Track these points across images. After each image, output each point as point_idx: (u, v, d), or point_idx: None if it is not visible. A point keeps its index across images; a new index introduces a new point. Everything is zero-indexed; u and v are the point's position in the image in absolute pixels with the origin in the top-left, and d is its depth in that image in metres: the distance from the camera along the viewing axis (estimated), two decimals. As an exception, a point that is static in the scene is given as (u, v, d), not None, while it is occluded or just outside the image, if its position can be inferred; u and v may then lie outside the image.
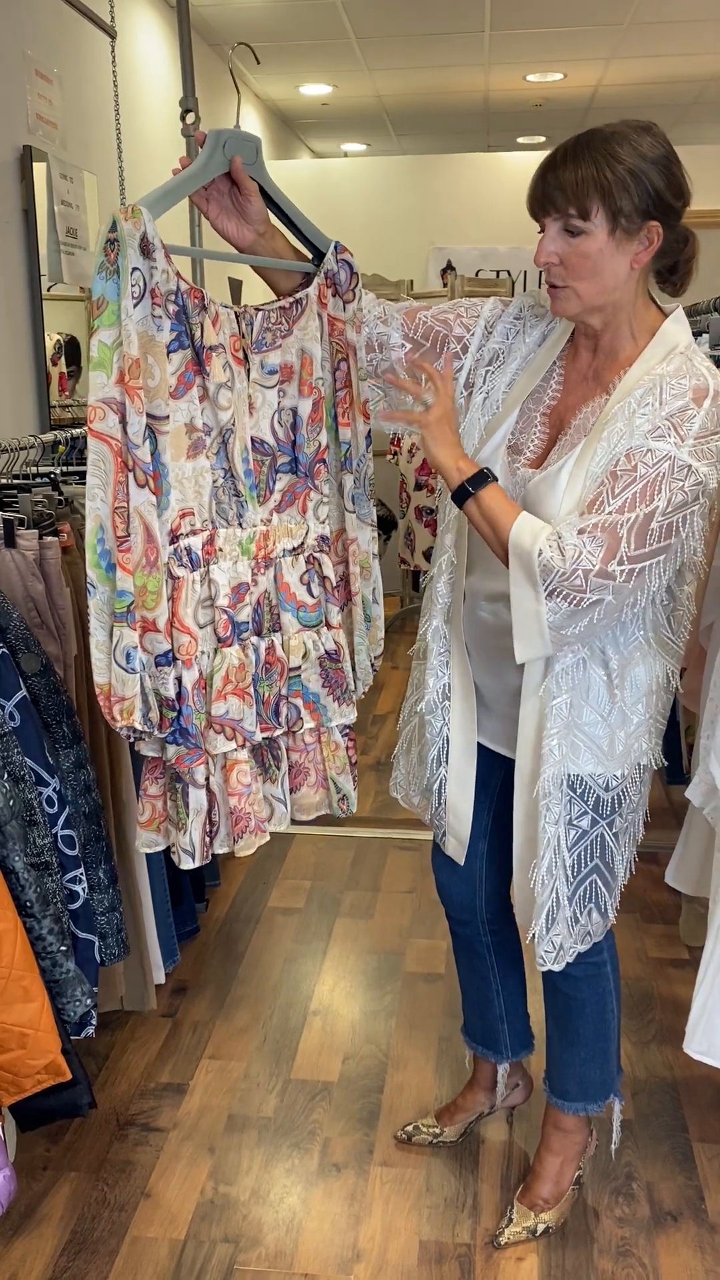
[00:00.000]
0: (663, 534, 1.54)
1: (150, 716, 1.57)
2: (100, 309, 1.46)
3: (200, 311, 1.55)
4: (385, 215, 7.09)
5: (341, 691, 1.78)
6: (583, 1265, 1.89)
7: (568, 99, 6.67)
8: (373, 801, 3.72)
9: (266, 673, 1.70)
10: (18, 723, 1.85)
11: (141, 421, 1.48)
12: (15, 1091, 1.75)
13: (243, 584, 1.65)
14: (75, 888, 1.93)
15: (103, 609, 1.52)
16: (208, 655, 1.62)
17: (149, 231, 1.46)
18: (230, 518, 1.64)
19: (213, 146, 1.59)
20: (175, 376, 1.54)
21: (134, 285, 1.45)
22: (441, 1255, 1.91)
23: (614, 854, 1.77)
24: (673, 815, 3.35)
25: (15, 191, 3.22)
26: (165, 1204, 2.03)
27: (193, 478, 1.58)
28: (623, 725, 1.70)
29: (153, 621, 1.54)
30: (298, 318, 1.68)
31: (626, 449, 1.54)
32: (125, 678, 1.53)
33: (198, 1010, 2.59)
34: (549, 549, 1.53)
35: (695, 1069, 2.32)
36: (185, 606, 1.57)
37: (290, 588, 1.71)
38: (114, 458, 1.48)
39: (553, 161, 1.56)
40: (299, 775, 1.79)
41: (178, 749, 1.61)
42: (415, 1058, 2.42)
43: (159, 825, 1.70)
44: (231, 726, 1.64)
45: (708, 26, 5.30)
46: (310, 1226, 1.97)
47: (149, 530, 1.51)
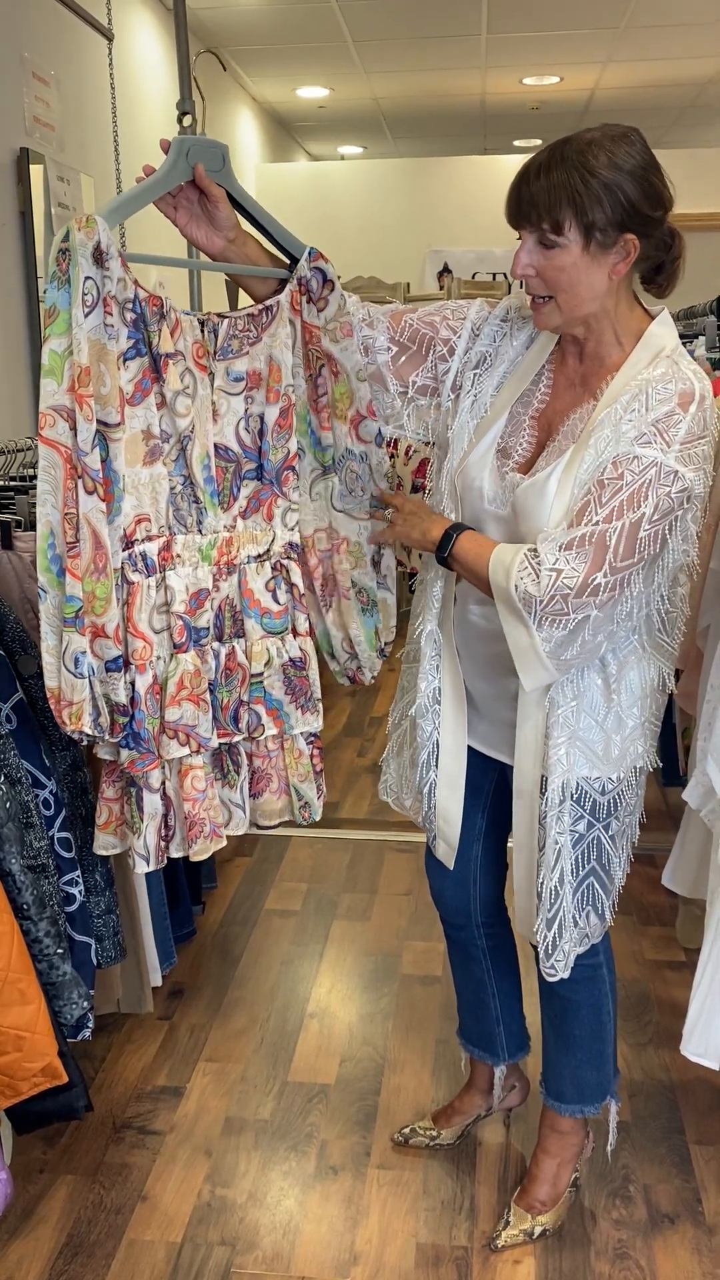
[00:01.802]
0: (650, 542, 1.53)
1: (100, 721, 1.58)
2: (51, 317, 1.48)
3: (159, 319, 1.56)
4: (382, 218, 7.11)
5: (306, 699, 1.79)
6: (580, 1267, 1.89)
7: (564, 102, 6.69)
8: (370, 804, 3.72)
9: (226, 678, 1.70)
10: (14, 725, 1.85)
11: (91, 429, 1.49)
12: (12, 1094, 1.75)
13: (203, 590, 1.65)
14: (72, 890, 1.93)
15: (53, 614, 1.54)
16: (163, 660, 1.63)
17: (103, 240, 1.47)
18: (189, 524, 1.65)
19: (176, 154, 1.60)
20: (132, 384, 1.55)
21: (86, 294, 1.46)
22: (439, 1258, 1.91)
23: (610, 857, 1.76)
24: (669, 817, 3.35)
25: (12, 193, 3.22)
26: (162, 1207, 2.02)
27: (149, 484, 1.59)
28: (618, 729, 1.69)
29: (102, 627, 1.55)
30: (268, 325, 1.68)
31: (613, 456, 1.53)
32: (74, 682, 1.54)
33: (194, 1013, 2.59)
34: (524, 580, 1.54)
35: (692, 1071, 2.33)
36: (140, 612, 1.58)
37: (254, 594, 1.72)
38: (63, 464, 1.49)
39: (527, 172, 1.55)
40: (261, 781, 1.80)
41: (130, 753, 1.63)
42: (412, 1060, 2.42)
43: (115, 828, 1.72)
44: (185, 732, 1.65)
45: (704, 30, 5.32)
46: (307, 1229, 1.97)
47: (97, 537, 1.52)
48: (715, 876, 1.85)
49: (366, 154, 8.34)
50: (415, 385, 1.79)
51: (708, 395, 1.56)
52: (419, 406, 1.81)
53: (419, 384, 1.79)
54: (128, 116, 4.09)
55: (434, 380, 1.78)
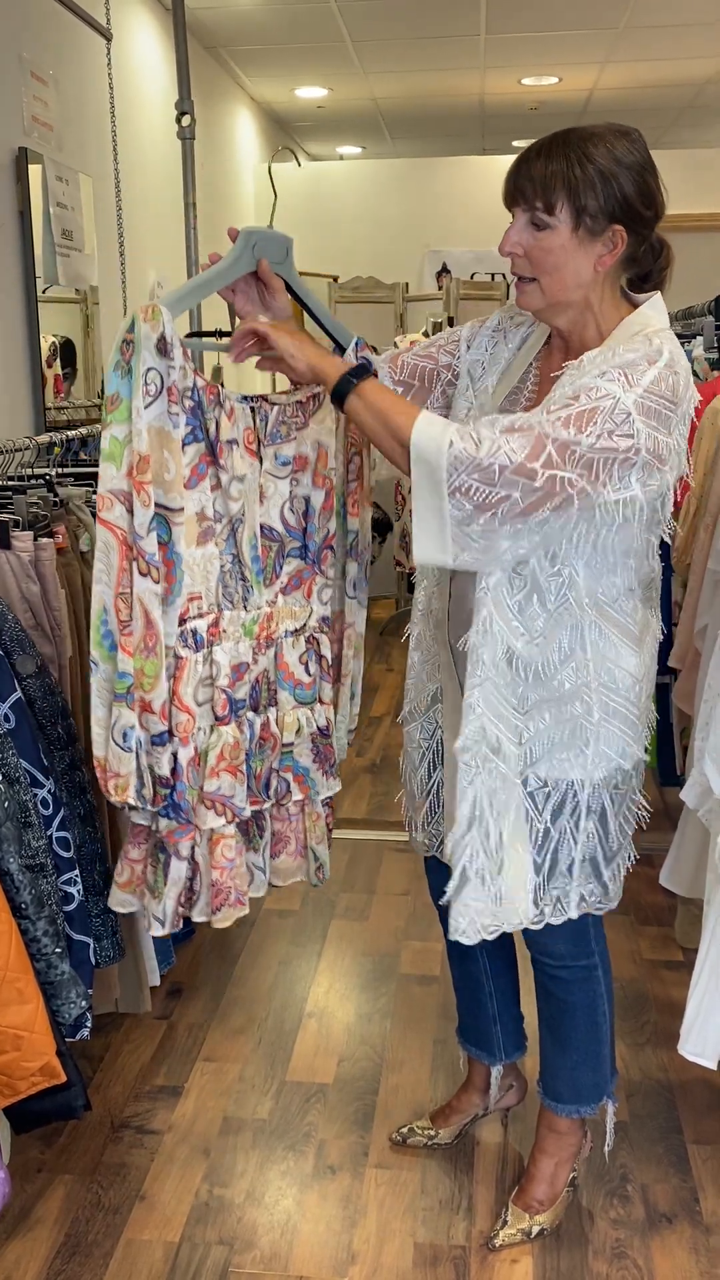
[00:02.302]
0: (583, 464, 1.48)
1: (144, 793, 1.62)
2: (114, 405, 1.52)
3: (215, 407, 1.60)
4: (380, 218, 7.11)
5: (329, 765, 1.84)
6: (577, 1267, 1.89)
7: (563, 102, 6.69)
8: (368, 804, 3.72)
9: (260, 748, 1.74)
10: (13, 724, 1.85)
11: (148, 514, 1.53)
12: (10, 1094, 1.75)
13: (243, 663, 1.69)
14: (70, 890, 1.93)
15: (104, 687, 1.59)
16: (204, 732, 1.66)
17: (167, 332, 1.51)
18: (235, 600, 1.69)
19: (242, 246, 1.64)
20: (189, 468, 1.59)
21: (148, 384, 1.51)
22: (436, 1257, 1.91)
23: (531, 818, 1.69)
24: (667, 817, 3.35)
25: (11, 193, 3.22)
26: (160, 1206, 2.02)
27: (201, 563, 1.63)
28: (539, 683, 1.64)
29: (149, 703, 1.59)
30: (314, 411, 1.73)
31: (575, 387, 1.51)
32: (122, 755, 1.59)
33: (193, 1012, 2.59)
34: (460, 440, 1.49)
35: (690, 1071, 2.33)
36: (186, 686, 1.62)
37: (289, 667, 1.76)
38: (119, 546, 1.54)
39: (528, 154, 1.59)
40: (279, 843, 1.83)
41: (169, 823, 1.65)
42: (410, 1060, 2.42)
43: (136, 888, 1.74)
44: (222, 802, 1.68)
45: (702, 30, 5.32)
46: (305, 1229, 1.97)
47: (149, 617, 1.56)
48: (713, 876, 1.85)
49: (365, 154, 8.33)
50: None
51: (681, 369, 1.54)
52: None
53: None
54: (126, 116, 4.08)
55: (447, 408, 1.81)
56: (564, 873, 1.75)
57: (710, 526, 2.40)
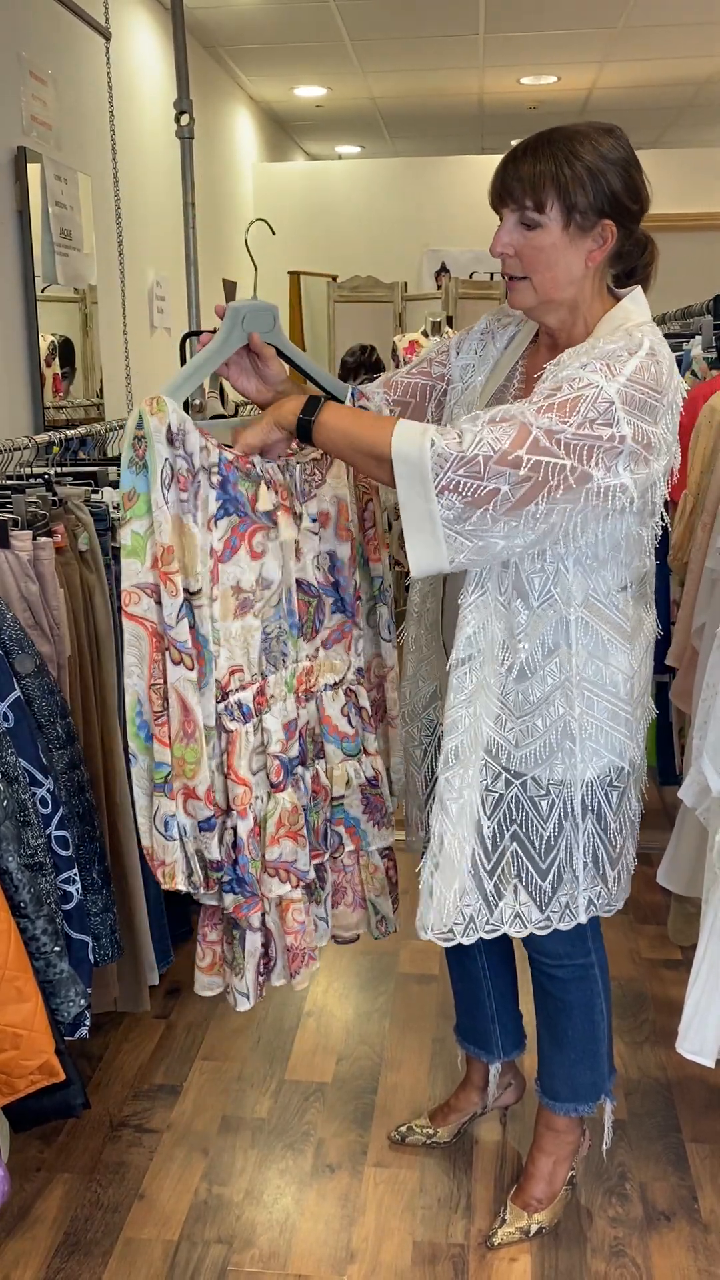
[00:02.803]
0: (569, 451, 1.47)
1: (194, 879, 1.62)
2: (131, 501, 1.52)
3: (255, 480, 1.60)
4: (379, 217, 7.11)
5: (381, 815, 1.83)
6: (576, 1265, 1.89)
7: (562, 102, 6.69)
8: (366, 803, 3.72)
9: (313, 801, 1.74)
10: (11, 724, 1.85)
11: (176, 603, 1.53)
12: (9, 1092, 1.75)
13: (291, 720, 1.69)
14: (69, 888, 1.93)
15: (143, 778, 1.59)
16: (261, 800, 1.66)
17: (173, 421, 1.51)
18: (279, 663, 1.69)
19: (231, 323, 1.65)
20: (222, 542, 1.59)
21: (163, 474, 1.51)
22: (435, 1256, 1.91)
23: (533, 823, 1.70)
24: (664, 816, 3.35)
25: (10, 193, 3.22)
26: (159, 1205, 2.03)
27: (240, 635, 1.63)
28: (524, 681, 1.64)
29: (194, 789, 1.58)
30: (329, 466, 1.74)
31: (556, 379, 1.52)
32: (165, 844, 1.59)
33: (192, 1011, 2.59)
34: (441, 438, 1.48)
35: (688, 1069, 2.33)
36: (240, 759, 1.62)
37: (332, 720, 1.76)
38: (149, 638, 1.54)
39: (514, 155, 1.60)
40: (337, 894, 1.84)
41: (235, 898, 1.65)
42: (409, 1059, 2.42)
43: (219, 969, 1.73)
44: (285, 869, 1.68)
45: (701, 30, 5.32)
46: (304, 1227, 1.97)
47: (185, 704, 1.56)
48: (710, 874, 1.85)
49: (364, 153, 8.34)
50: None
51: (663, 358, 1.54)
52: None
53: None
54: (125, 115, 4.09)
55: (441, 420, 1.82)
56: (571, 877, 1.75)
57: (708, 525, 2.40)
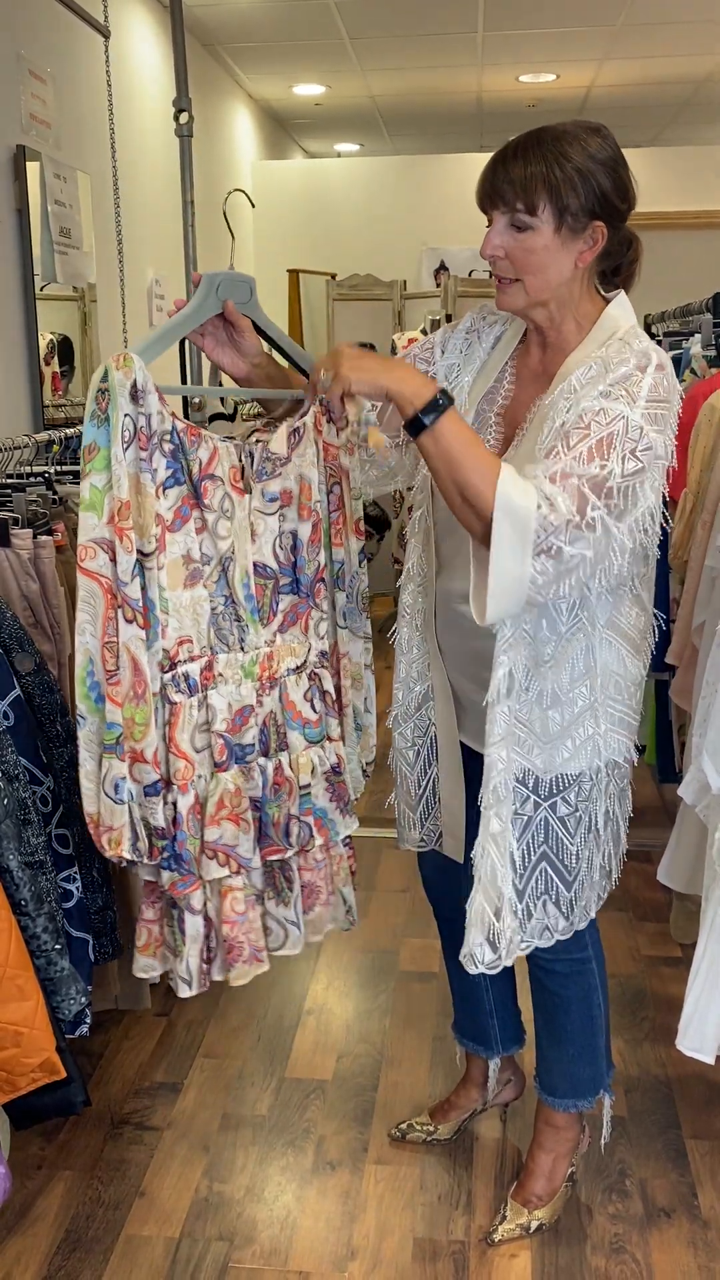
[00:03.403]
0: (620, 494, 1.50)
1: (139, 846, 1.60)
2: (91, 454, 1.51)
3: (197, 447, 1.60)
4: (378, 215, 7.10)
5: (344, 804, 1.81)
6: (576, 1262, 1.89)
7: (561, 100, 6.69)
8: (366, 801, 3.71)
9: (275, 793, 1.70)
10: (11, 722, 1.85)
11: (131, 560, 1.52)
12: (10, 1090, 1.75)
13: (246, 706, 1.67)
14: (69, 886, 1.94)
15: (92, 740, 1.57)
16: (204, 779, 1.64)
17: (139, 379, 1.51)
18: (231, 643, 1.67)
19: (206, 290, 1.64)
20: (172, 511, 1.58)
21: (125, 430, 1.50)
22: (436, 1252, 1.91)
23: (562, 842, 1.73)
24: (664, 813, 3.36)
25: (9, 191, 3.22)
26: (160, 1202, 2.03)
27: (190, 606, 1.62)
28: (555, 707, 1.67)
29: (140, 752, 1.57)
30: (296, 445, 1.72)
31: (578, 412, 1.52)
32: (114, 808, 1.57)
33: (192, 1009, 2.59)
34: (545, 504, 1.47)
35: (688, 1066, 2.33)
36: (181, 732, 1.60)
37: (296, 705, 1.73)
38: (104, 595, 1.53)
39: (503, 156, 1.58)
40: (311, 895, 1.78)
41: (171, 874, 1.63)
42: (409, 1056, 2.42)
43: (155, 950, 1.71)
44: (225, 852, 1.65)
45: (700, 28, 5.32)
46: (305, 1224, 1.98)
47: (137, 664, 1.55)
48: (710, 872, 1.85)
49: (363, 151, 8.33)
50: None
51: (666, 365, 1.56)
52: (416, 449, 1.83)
53: None
54: (124, 114, 4.08)
55: None
56: (590, 883, 1.80)
57: (707, 523, 2.40)
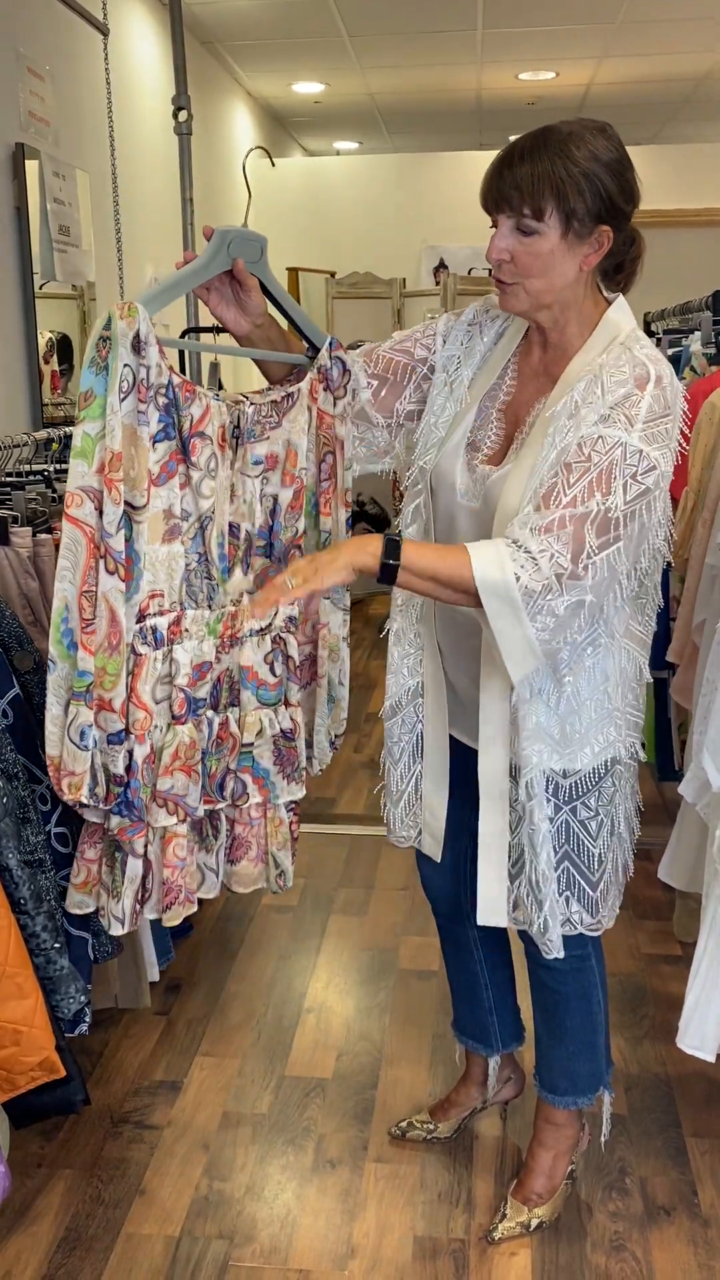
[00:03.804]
0: (626, 522, 1.52)
1: (97, 791, 1.61)
2: (87, 401, 1.51)
3: (190, 403, 1.59)
4: (377, 213, 7.10)
5: (293, 769, 1.81)
6: (576, 1259, 1.89)
7: (560, 97, 6.68)
8: (366, 799, 3.72)
9: (217, 747, 1.72)
10: (10, 720, 1.85)
11: (117, 511, 1.52)
12: (9, 1088, 1.75)
13: (205, 662, 1.68)
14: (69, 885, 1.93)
15: (60, 684, 1.57)
16: (160, 730, 1.65)
17: (142, 329, 1.50)
18: (200, 600, 1.68)
19: (218, 245, 1.63)
20: (158, 465, 1.58)
21: (123, 380, 1.50)
22: (436, 1250, 1.91)
23: (584, 843, 1.75)
24: (665, 811, 3.36)
25: (8, 189, 3.22)
26: (160, 1201, 2.03)
27: (165, 561, 1.62)
28: (573, 713, 1.68)
29: (109, 701, 1.58)
30: (288, 410, 1.72)
31: (578, 439, 1.53)
32: (77, 754, 1.58)
33: (192, 1007, 2.59)
34: (523, 571, 1.49)
35: (688, 1064, 2.33)
36: (144, 684, 1.61)
37: (253, 667, 1.74)
38: (87, 543, 1.53)
39: (509, 158, 1.56)
40: (240, 848, 1.80)
41: (121, 820, 1.64)
42: (409, 1054, 2.42)
43: (92, 888, 1.73)
44: (175, 801, 1.67)
45: (699, 25, 5.31)
46: (305, 1222, 1.98)
47: (114, 614, 1.55)
48: (711, 870, 1.85)
49: (362, 149, 8.32)
50: (401, 413, 1.82)
51: (665, 377, 1.55)
52: (408, 430, 1.84)
53: (405, 410, 1.81)
54: (123, 111, 4.08)
55: (421, 403, 1.81)
56: (616, 883, 1.81)
57: (708, 521, 2.40)
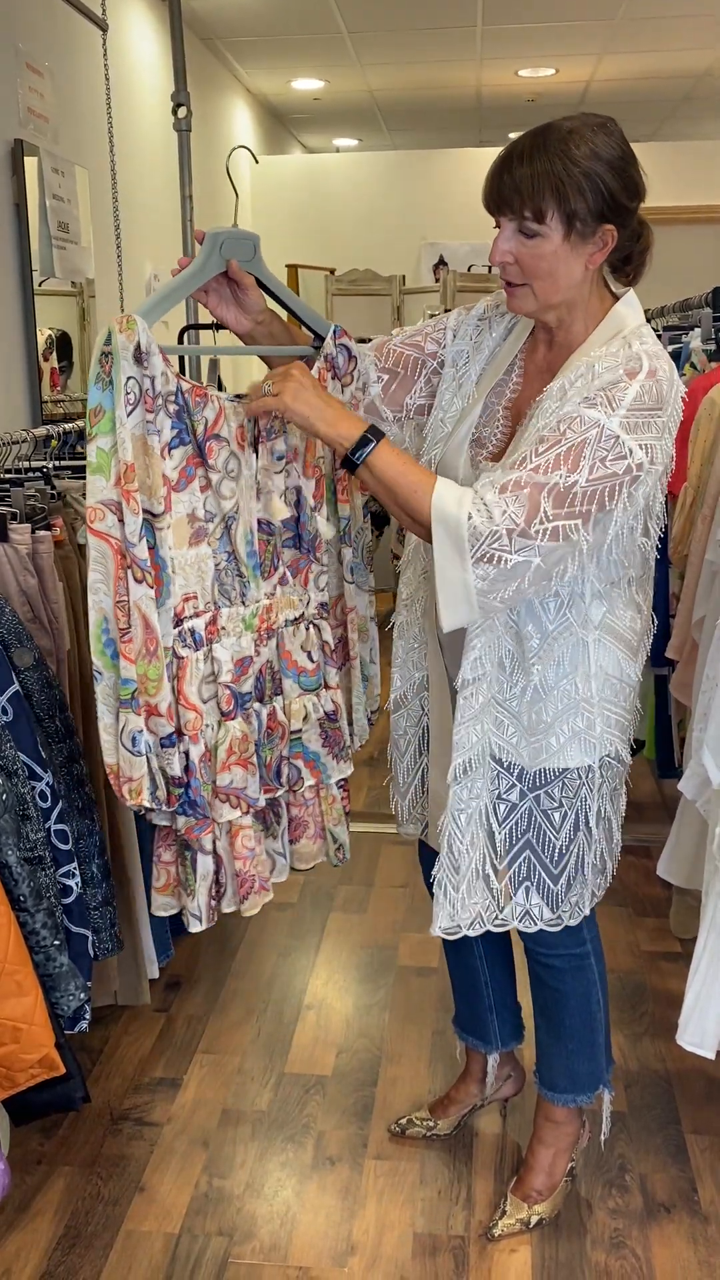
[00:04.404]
0: (585, 500, 1.50)
1: (158, 795, 1.64)
2: (97, 417, 1.52)
3: (203, 407, 1.61)
4: (377, 210, 7.09)
5: (340, 749, 1.86)
6: (576, 1256, 1.89)
7: (560, 94, 6.67)
8: (366, 796, 3.72)
9: (268, 737, 1.76)
10: (10, 717, 1.85)
11: (138, 521, 1.54)
12: (9, 1086, 1.75)
13: (246, 657, 1.71)
14: (68, 882, 1.93)
15: (109, 694, 1.60)
16: (212, 728, 1.68)
17: (143, 341, 1.51)
18: (233, 597, 1.71)
19: (210, 248, 1.64)
20: (177, 471, 1.60)
21: (129, 393, 1.51)
22: (435, 1247, 1.91)
23: (546, 834, 1.74)
24: (664, 809, 3.36)
25: (7, 186, 3.21)
26: (159, 1198, 2.03)
27: (194, 564, 1.65)
28: (539, 701, 1.68)
29: (156, 706, 1.61)
30: None
31: (558, 418, 1.53)
32: (133, 760, 1.60)
33: (192, 1005, 2.59)
34: (477, 513, 1.49)
35: (687, 1061, 2.33)
36: (190, 685, 1.64)
37: (292, 655, 1.78)
38: (114, 555, 1.55)
39: (509, 159, 1.55)
40: (298, 828, 1.86)
41: (187, 820, 1.68)
42: (409, 1051, 2.42)
43: (174, 890, 1.76)
44: (236, 795, 1.71)
45: (699, 22, 5.31)
46: (304, 1219, 1.98)
47: (148, 622, 1.57)
48: (710, 866, 1.85)
49: (362, 146, 8.31)
50: (411, 407, 1.82)
51: (660, 371, 1.54)
52: (418, 425, 1.84)
53: (415, 404, 1.82)
54: (122, 108, 4.07)
55: (430, 397, 1.81)
56: (581, 879, 1.79)
57: (707, 518, 2.40)
